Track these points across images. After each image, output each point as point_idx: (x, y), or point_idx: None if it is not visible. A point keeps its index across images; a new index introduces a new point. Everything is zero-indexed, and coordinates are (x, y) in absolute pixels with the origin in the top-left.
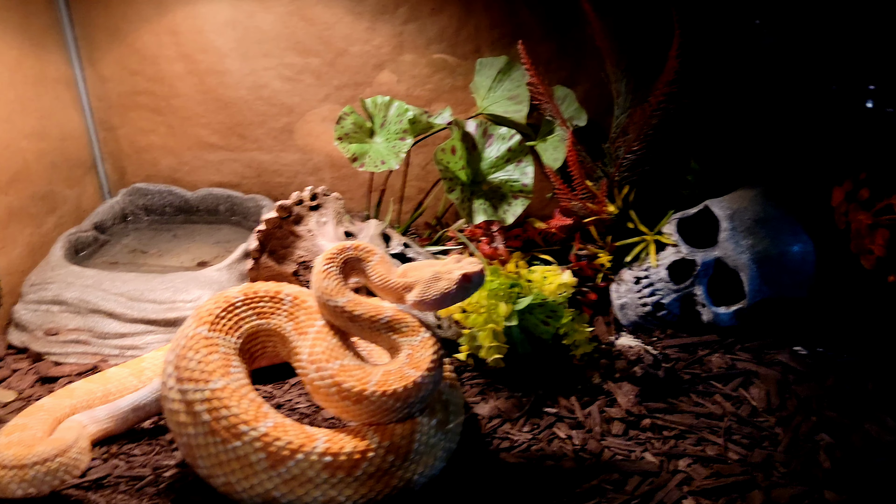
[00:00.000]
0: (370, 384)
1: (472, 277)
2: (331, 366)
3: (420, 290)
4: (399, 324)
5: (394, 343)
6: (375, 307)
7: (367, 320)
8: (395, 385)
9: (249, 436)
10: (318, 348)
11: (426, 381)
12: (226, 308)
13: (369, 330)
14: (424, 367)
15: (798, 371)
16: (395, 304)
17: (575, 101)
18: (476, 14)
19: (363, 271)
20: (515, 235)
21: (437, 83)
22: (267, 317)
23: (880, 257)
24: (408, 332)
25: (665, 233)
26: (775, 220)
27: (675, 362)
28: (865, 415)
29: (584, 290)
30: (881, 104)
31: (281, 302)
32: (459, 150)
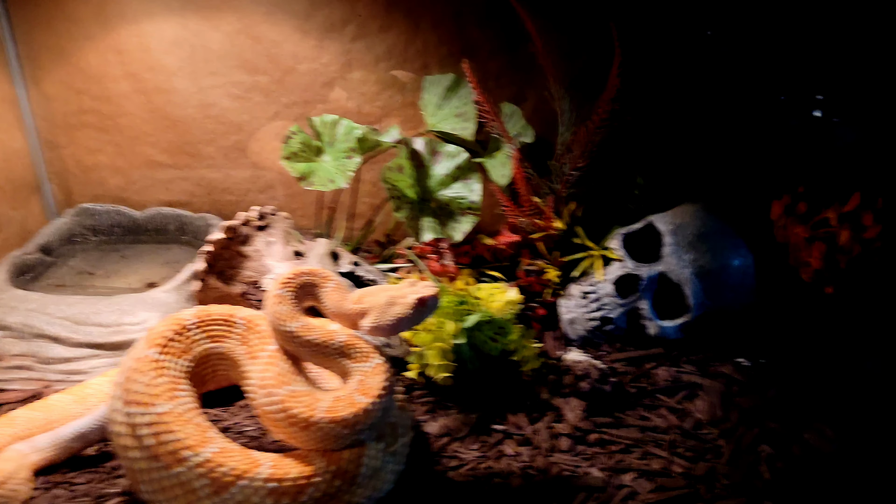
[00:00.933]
0: (318, 411)
1: (427, 301)
2: (280, 391)
3: (375, 315)
4: (351, 349)
5: (345, 368)
6: (328, 332)
7: (318, 346)
8: (344, 412)
9: (192, 461)
10: (269, 373)
11: (376, 407)
12: (177, 331)
13: (321, 355)
14: (374, 393)
15: (741, 382)
16: (349, 329)
17: (522, 118)
18: (424, 32)
19: (317, 297)
20: (465, 252)
21: (387, 100)
22: (219, 340)
23: (818, 270)
24: (360, 358)
25: (611, 248)
26: (716, 234)
27: (623, 376)
28: (805, 425)
29: (532, 306)
30: (823, 116)
31: (234, 325)
32: (407, 169)
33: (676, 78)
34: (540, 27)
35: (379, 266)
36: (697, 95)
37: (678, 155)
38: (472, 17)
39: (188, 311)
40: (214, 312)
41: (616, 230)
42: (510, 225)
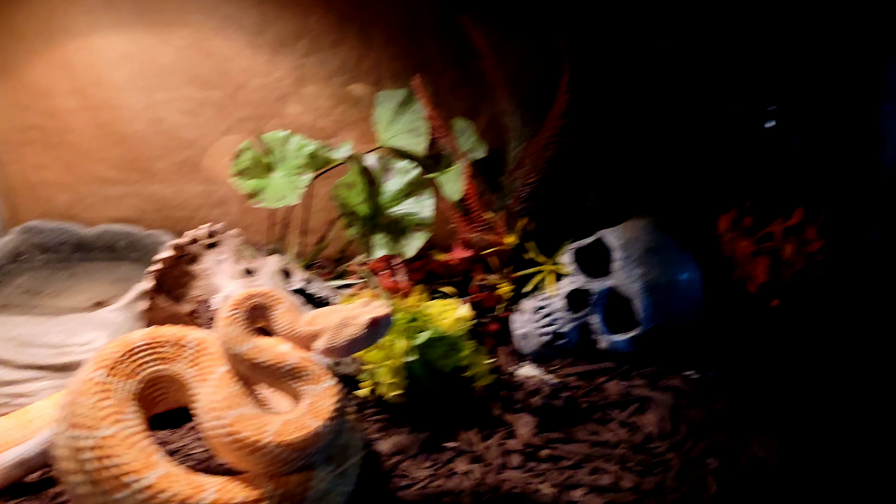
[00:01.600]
0: (267, 434)
1: (381, 321)
2: (228, 414)
3: (327, 337)
4: (302, 371)
5: (296, 391)
6: (278, 354)
7: (268, 368)
8: (293, 436)
9: (135, 486)
10: (217, 396)
11: (326, 430)
12: (126, 352)
13: (272, 377)
14: (325, 416)
15: (690, 395)
16: (301, 351)
17: (474, 134)
18: (376, 47)
19: (269, 319)
20: (417, 268)
21: (341, 115)
22: (169, 362)
23: (763, 283)
24: (311, 380)
25: (562, 262)
26: (664, 249)
27: (575, 390)
28: (752, 437)
29: (485, 321)
30: (774, 128)
31: (184, 347)
32: (359, 185)
33: (627, 92)
34: (493, 42)
35: (332, 282)
36: (648, 109)
37: (630, 169)
38: (424, 32)
39: (138, 332)
40: (165, 334)
41: (567, 245)
42: (463, 240)
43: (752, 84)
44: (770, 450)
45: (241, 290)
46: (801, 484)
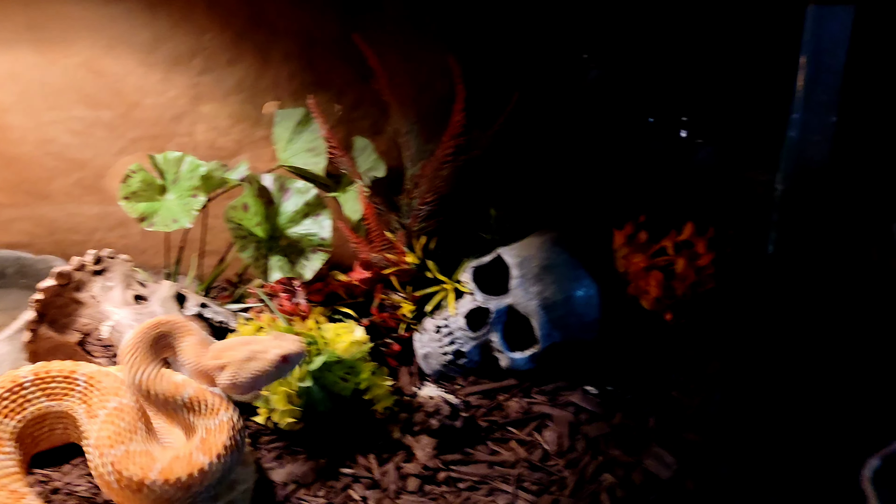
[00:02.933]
0: (153, 471)
1: (291, 358)
2: (114, 451)
3: (231, 371)
4: (198, 404)
5: (190, 424)
6: (174, 385)
7: (164, 399)
8: (180, 473)
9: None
10: (105, 432)
11: (215, 468)
12: (10, 389)
13: (167, 409)
14: (214, 453)
15: (588, 411)
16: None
17: (374, 152)
18: (274, 64)
19: (175, 349)
20: (318, 289)
21: (239, 134)
22: (58, 398)
23: (657, 297)
24: (206, 414)
25: (462, 281)
26: (560, 266)
27: (476, 409)
28: (646, 451)
29: (388, 342)
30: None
31: (75, 382)
32: (254, 206)
33: (527, 109)
34: (396, 60)
35: (230, 306)
36: (548, 126)
37: (531, 186)
38: (323, 50)
39: (26, 367)
40: (54, 369)
41: (466, 263)
42: (363, 261)
43: (664, 95)
44: (663, 464)
45: (130, 317)
46: (693, 499)
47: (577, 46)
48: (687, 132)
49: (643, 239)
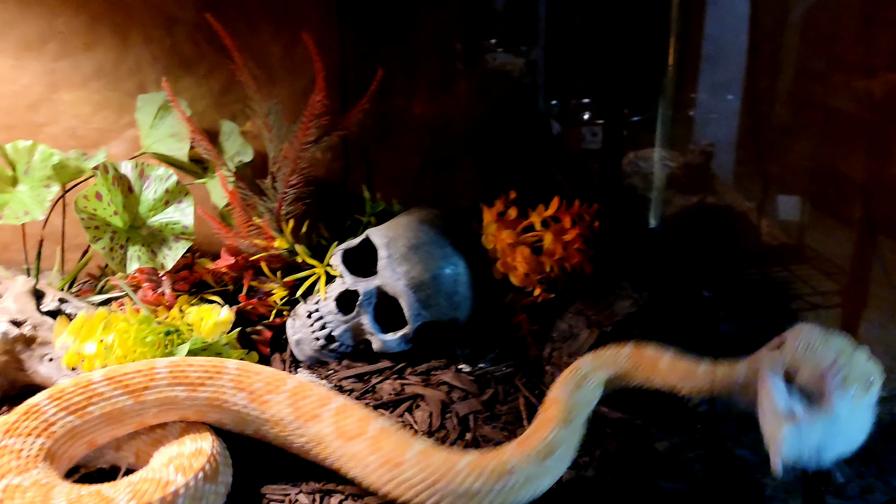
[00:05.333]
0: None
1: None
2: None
3: None
4: None
5: None
6: None
7: None
8: None
9: None
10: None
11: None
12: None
13: None
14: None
15: (461, 389)
16: None
17: (241, 137)
18: (135, 48)
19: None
20: (184, 278)
21: (103, 122)
22: None
23: (526, 273)
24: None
25: (332, 265)
26: (428, 244)
27: (348, 394)
28: (516, 428)
29: (258, 329)
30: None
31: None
32: (108, 195)
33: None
34: (255, 41)
35: (92, 299)
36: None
37: (406, 165)
38: (186, 31)
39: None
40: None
41: (335, 246)
42: (229, 247)
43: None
44: None
45: None
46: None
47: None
48: (589, 114)
49: (513, 216)
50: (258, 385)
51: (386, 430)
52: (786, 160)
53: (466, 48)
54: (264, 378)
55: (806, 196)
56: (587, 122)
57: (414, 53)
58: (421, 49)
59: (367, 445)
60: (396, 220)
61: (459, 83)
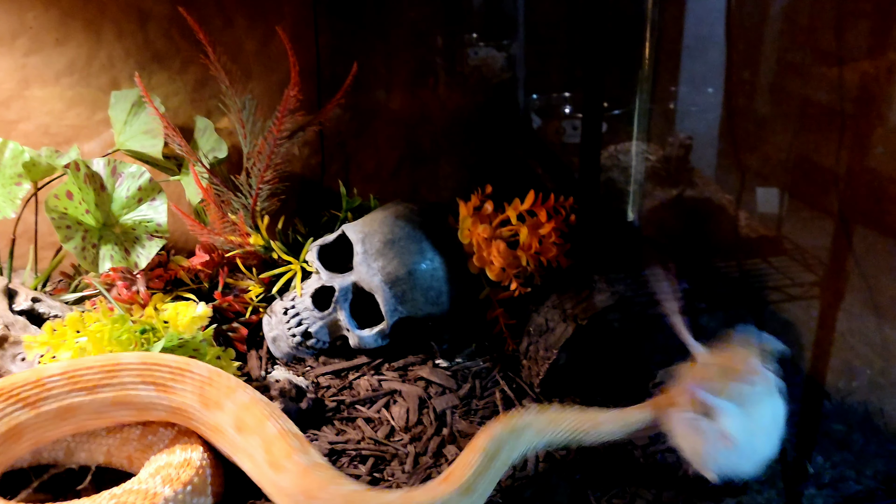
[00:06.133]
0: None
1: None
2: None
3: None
4: None
5: None
6: None
7: None
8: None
9: None
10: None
11: None
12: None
13: None
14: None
15: (438, 384)
16: None
17: (214, 132)
18: (107, 44)
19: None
20: (158, 276)
21: (76, 118)
22: None
23: (502, 267)
24: None
25: (308, 261)
26: (403, 239)
27: (325, 390)
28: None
29: (234, 327)
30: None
31: None
32: (80, 194)
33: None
34: (230, 35)
35: (66, 297)
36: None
37: (383, 160)
38: (159, 27)
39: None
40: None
41: (312, 242)
42: (203, 244)
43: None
44: None
45: None
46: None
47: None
48: (569, 107)
49: (489, 210)
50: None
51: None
52: (763, 152)
53: (445, 42)
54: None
55: (784, 188)
56: (567, 115)
57: (392, 47)
58: (399, 43)
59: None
60: (372, 215)
61: (438, 77)
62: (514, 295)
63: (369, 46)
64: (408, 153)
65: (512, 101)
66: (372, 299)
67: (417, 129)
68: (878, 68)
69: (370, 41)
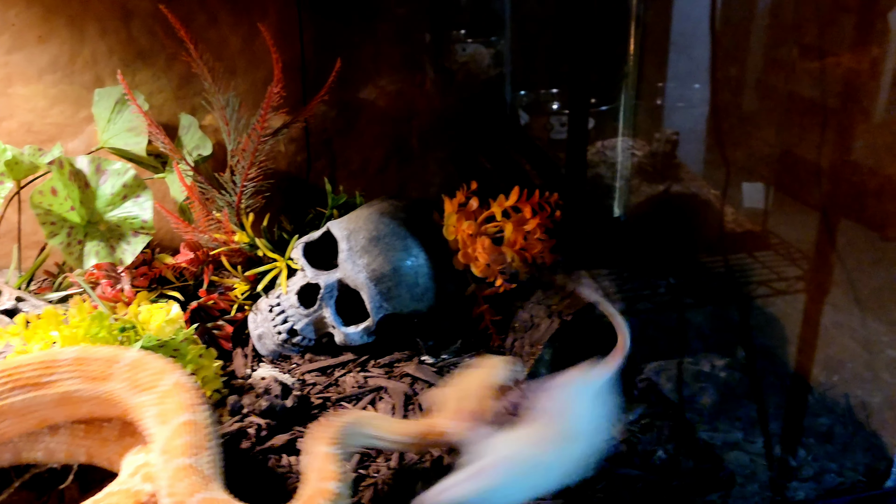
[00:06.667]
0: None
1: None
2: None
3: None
4: None
5: None
6: None
7: None
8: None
9: None
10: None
11: None
12: None
13: None
14: None
15: (423, 380)
16: None
17: (199, 130)
18: (91, 41)
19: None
20: (143, 274)
21: (59, 116)
22: None
23: (487, 264)
24: None
25: (293, 258)
26: (388, 236)
27: (311, 388)
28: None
29: (219, 325)
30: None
31: None
32: (64, 191)
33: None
34: (214, 33)
35: (50, 296)
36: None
37: (369, 156)
38: (142, 24)
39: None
40: None
41: (297, 239)
42: (188, 242)
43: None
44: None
45: None
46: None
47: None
48: (556, 104)
49: (474, 206)
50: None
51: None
52: (749, 147)
53: (431, 38)
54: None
55: (769, 182)
56: (555, 111)
57: (378, 43)
58: (385, 39)
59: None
60: (357, 212)
61: (424, 74)
62: (499, 291)
63: (355, 43)
64: (394, 150)
65: (499, 97)
66: (357, 296)
67: (404, 126)
68: (860, 63)
69: (356, 37)
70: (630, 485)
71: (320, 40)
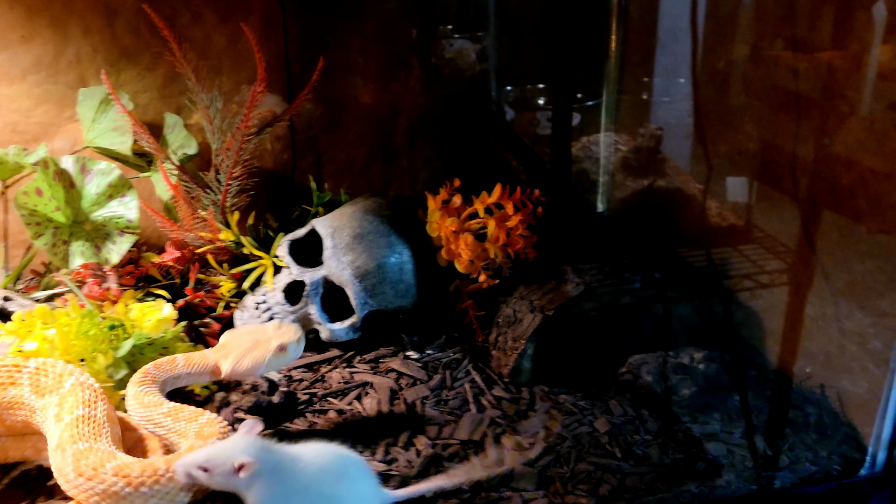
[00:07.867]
0: None
1: (289, 347)
2: None
3: (232, 360)
4: None
5: None
6: None
7: None
8: None
9: None
10: None
11: None
12: None
13: None
14: None
15: (409, 376)
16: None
17: (184, 129)
18: (74, 41)
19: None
20: (129, 273)
21: (44, 116)
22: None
23: (471, 260)
24: None
25: (279, 256)
26: (372, 233)
27: (298, 384)
28: (462, 412)
29: (206, 322)
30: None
31: None
32: (50, 191)
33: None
34: (199, 32)
35: (37, 295)
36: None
37: (354, 154)
38: (126, 23)
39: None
40: None
41: (282, 237)
42: (174, 241)
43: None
44: (476, 424)
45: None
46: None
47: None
48: (541, 99)
49: (457, 203)
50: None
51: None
52: (733, 141)
53: (416, 35)
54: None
55: (753, 176)
56: (541, 107)
57: (363, 40)
58: (370, 37)
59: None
60: (342, 209)
61: (410, 70)
62: (482, 287)
63: (340, 40)
64: (379, 147)
65: (485, 93)
66: (342, 293)
67: (389, 123)
68: (840, 58)
69: (341, 34)
70: (612, 474)
71: (305, 37)
